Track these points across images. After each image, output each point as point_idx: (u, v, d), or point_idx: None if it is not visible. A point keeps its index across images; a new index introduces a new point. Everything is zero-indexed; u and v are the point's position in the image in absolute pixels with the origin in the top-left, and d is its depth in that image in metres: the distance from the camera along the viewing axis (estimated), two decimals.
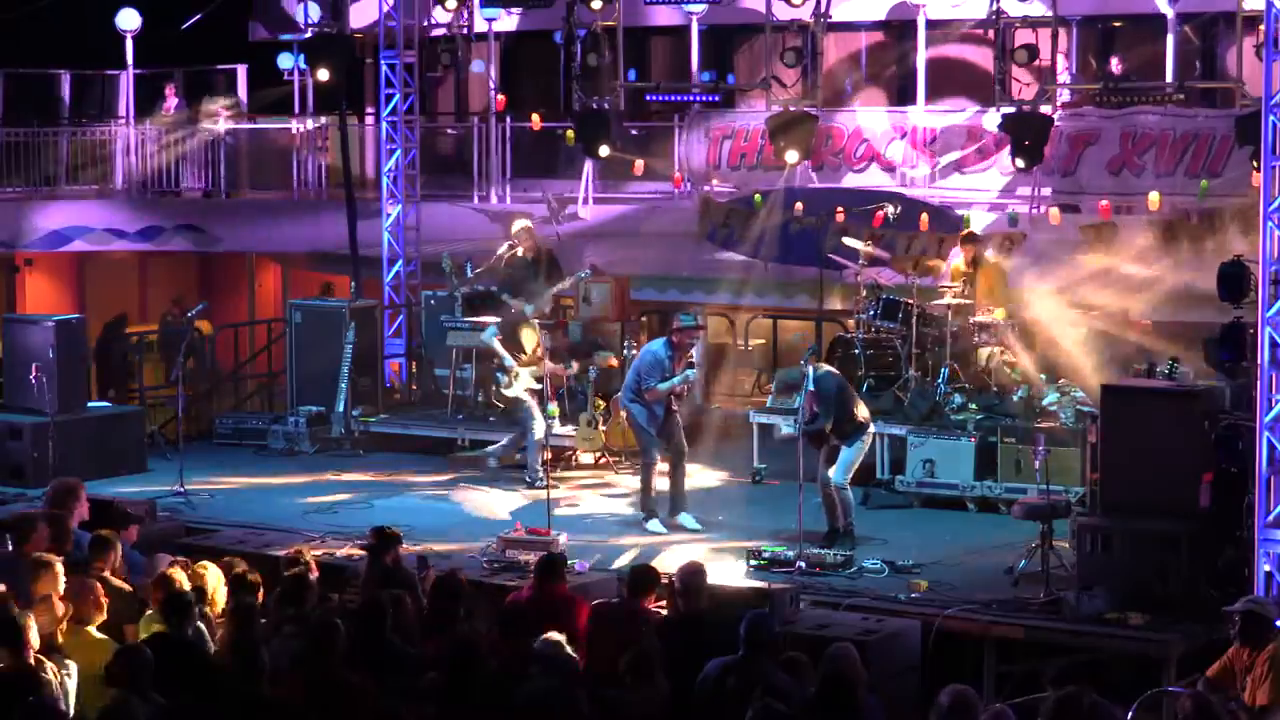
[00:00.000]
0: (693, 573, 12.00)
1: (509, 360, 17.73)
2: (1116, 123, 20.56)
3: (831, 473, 15.21)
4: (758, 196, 21.40)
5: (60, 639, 10.32)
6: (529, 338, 17.88)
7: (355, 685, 9.83)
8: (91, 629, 10.65)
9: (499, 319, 18.32)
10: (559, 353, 18.70)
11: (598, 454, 18.70)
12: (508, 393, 17.88)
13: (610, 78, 22.59)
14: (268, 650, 10.08)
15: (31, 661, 9.60)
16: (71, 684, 9.87)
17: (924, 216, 20.02)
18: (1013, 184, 21.11)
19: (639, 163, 22.70)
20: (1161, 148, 20.25)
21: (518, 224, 19.95)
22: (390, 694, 9.91)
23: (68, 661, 9.94)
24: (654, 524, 16.05)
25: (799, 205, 20.70)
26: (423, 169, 22.56)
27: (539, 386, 17.71)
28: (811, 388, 15.01)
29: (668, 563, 12.81)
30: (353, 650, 10.40)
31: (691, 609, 11.86)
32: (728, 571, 14.18)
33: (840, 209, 20.16)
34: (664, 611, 12.18)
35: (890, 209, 19.17)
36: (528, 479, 17.66)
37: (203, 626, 10.97)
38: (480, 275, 20.38)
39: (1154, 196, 19.48)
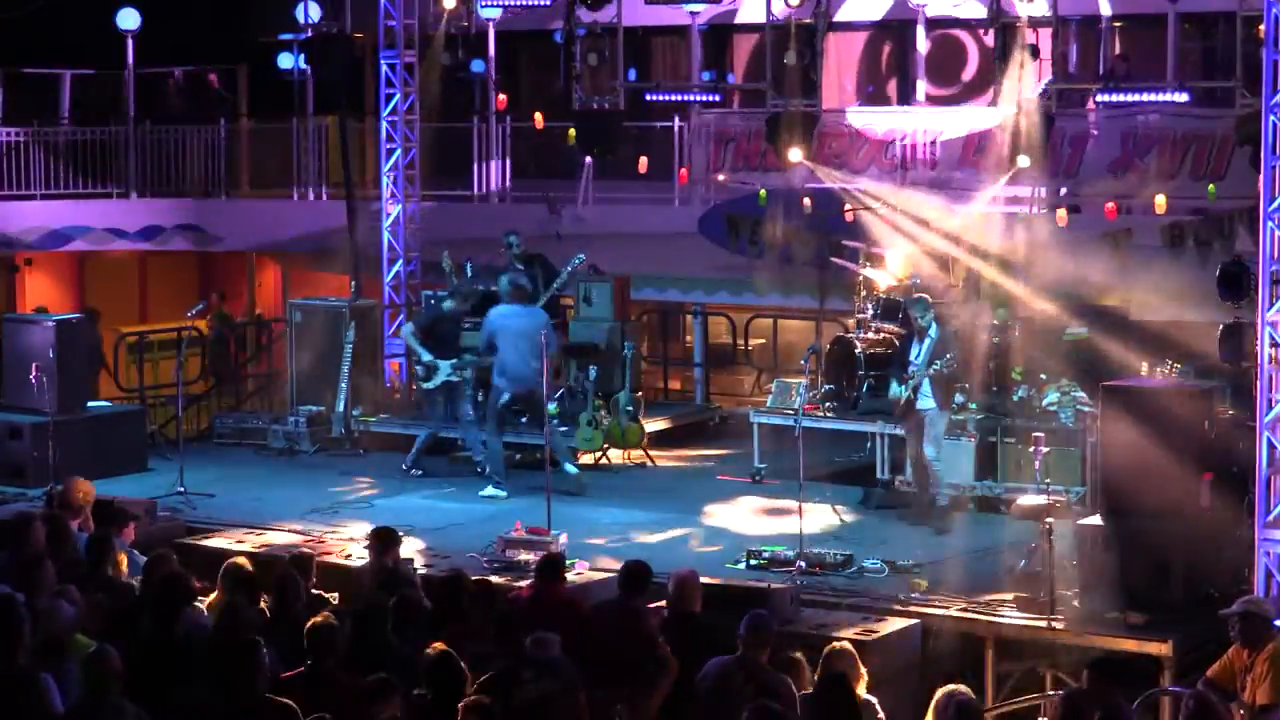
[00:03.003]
0: (686, 577, 12.00)
1: (426, 355, 18.10)
2: (1117, 124, 20.56)
3: (926, 447, 15.83)
4: (763, 193, 21.38)
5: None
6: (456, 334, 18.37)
7: (353, 686, 9.82)
8: (78, 633, 10.61)
9: (420, 318, 18.83)
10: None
11: (597, 454, 18.71)
12: (426, 386, 18.21)
13: (610, 78, 22.60)
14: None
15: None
16: None
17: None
18: (1013, 183, 21.08)
19: (643, 160, 22.69)
20: (1163, 149, 20.24)
21: (513, 239, 20.03)
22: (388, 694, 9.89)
23: None
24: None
25: (807, 201, 20.67)
26: (423, 169, 22.54)
27: (458, 379, 18.06)
28: (935, 334, 15.72)
29: (667, 562, 12.81)
30: (353, 650, 10.40)
31: (687, 613, 11.86)
32: (727, 571, 14.21)
33: (849, 208, 20.14)
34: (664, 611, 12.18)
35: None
36: (479, 469, 17.95)
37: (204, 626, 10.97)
38: (479, 276, 20.40)
39: (1160, 200, 19.46)
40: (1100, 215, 19.85)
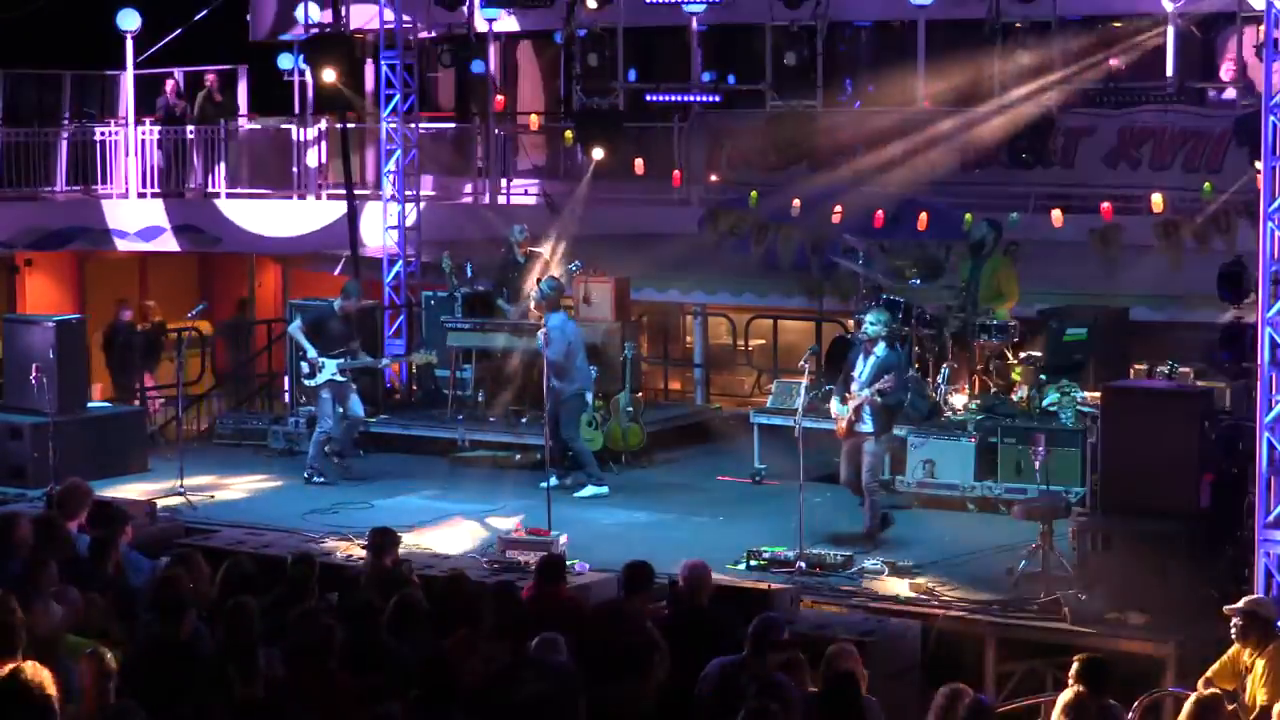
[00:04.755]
0: (696, 569, 12.00)
1: (312, 351, 17.96)
2: (1115, 120, 20.58)
3: (870, 479, 15.40)
4: (754, 194, 21.39)
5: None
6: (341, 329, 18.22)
7: (349, 687, 9.81)
8: (76, 634, 10.59)
9: (307, 314, 18.51)
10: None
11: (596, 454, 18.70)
12: (309, 383, 18.11)
13: (610, 78, 22.61)
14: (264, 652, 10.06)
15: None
16: None
17: (923, 216, 20.01)
18: (1012, 181, 21.09)
19: (638, 162, 22.70)
20: (1159, 141, 20.26)
21: (515, 229, 20.02)
22: (386, 695, 9.89)
23: None
24: None
25: (796, 202, 20.69)
26: (423, 169, 22.54)
27: (343, 379, 17.98)
28: (882, 353, 15.21)
29: (669, 562, 12.81)
30: (349, 651, 10.38)
31: (694, 607, 11.85)
32: (727, 572, 14.20)
33: (838, 208, 20.16)
34: (664, 611, 12.17)
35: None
36: (305, 474, 17.92)
37: (203, 628, 10.96)
38: (479, 276, 20.43)
39: (1157, 199, 19.46)
40: (1096, 215, 19.85)
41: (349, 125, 23.38)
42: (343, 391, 18.01)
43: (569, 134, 22.37)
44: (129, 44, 25.86)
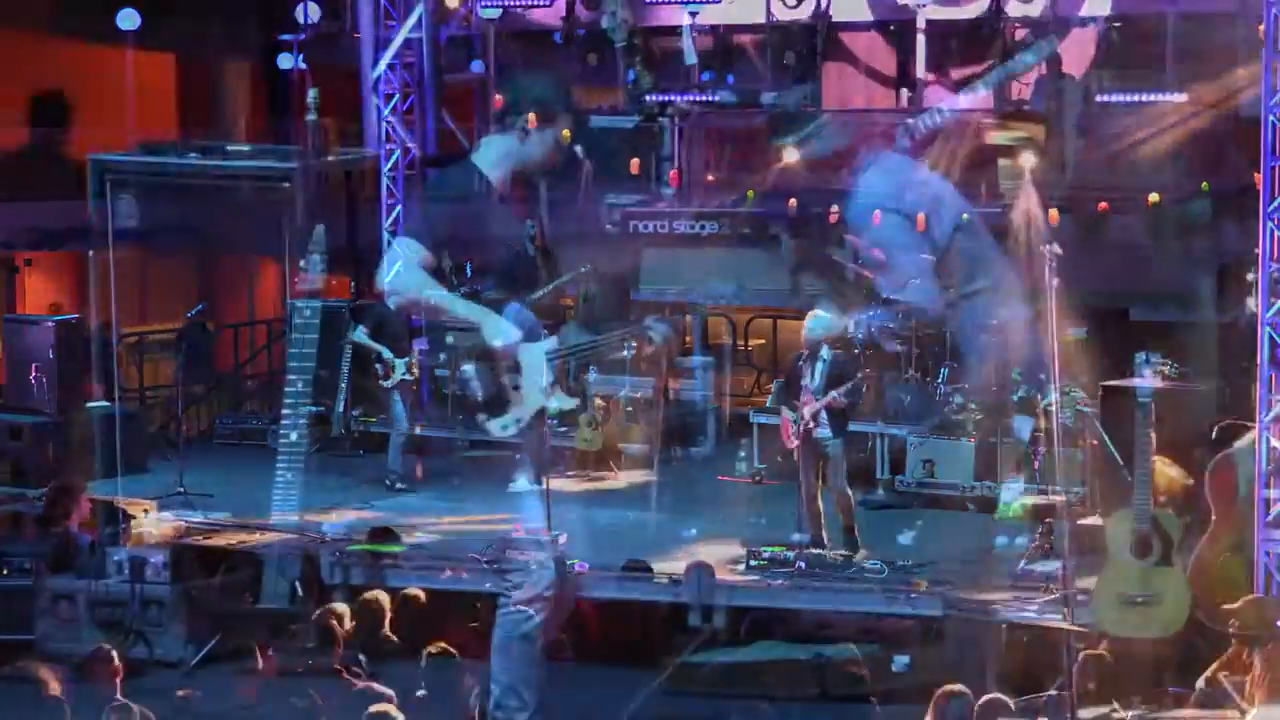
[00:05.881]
0: (699, 569, 12.00)
1: (387, 353, 17.94)
2: (1114, 120, 20.57)
3: (836, 481, 15.13)
4: (750, 193, 21.39)
5: None
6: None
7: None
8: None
9: (368, 317, 18.51)
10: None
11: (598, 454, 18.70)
12: (385, 384, 18.08)
13: (610, 78, 22.55)
14: None
15: None
16: None
17: (921, 216, 19.99)
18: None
19: (634, 161, 22.69)
20: (1156, 141, 20.25)
21: (528, 224, 19.98)
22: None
23: None
24: None
25: (792, 202, 20.69)
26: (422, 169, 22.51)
27: (411, 377, 17.96)
28: (828, 356, 15.00)
29: (670, 562, 12.82)
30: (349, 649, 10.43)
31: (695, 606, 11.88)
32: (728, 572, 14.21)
33: (835, 210, 20.15)
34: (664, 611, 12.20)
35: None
36: (387, 481, 17.80)
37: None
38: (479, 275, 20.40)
39: (1154, 198, 19.48)
40: (1093, 213, 19.86)
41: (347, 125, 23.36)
42: (409, 390, 18.12)
43: (568, 133, 22.29)
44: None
